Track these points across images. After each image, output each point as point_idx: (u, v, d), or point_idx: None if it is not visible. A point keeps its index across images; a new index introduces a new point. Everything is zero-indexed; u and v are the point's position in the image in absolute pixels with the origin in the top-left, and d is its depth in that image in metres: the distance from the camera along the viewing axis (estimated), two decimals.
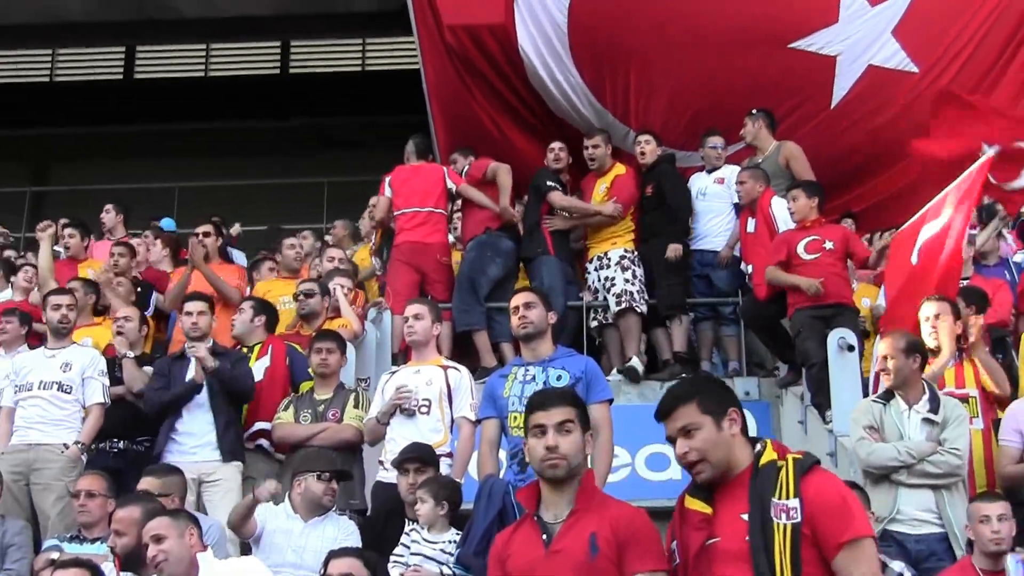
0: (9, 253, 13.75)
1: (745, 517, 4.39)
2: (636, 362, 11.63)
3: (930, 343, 8.53)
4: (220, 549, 7.25)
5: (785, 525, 4.32)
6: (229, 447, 8.95)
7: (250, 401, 9.31)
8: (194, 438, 8.94)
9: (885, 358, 7.96)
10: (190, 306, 9.50)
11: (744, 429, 4.66)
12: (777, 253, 10.56)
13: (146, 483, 7.60)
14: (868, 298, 11.34)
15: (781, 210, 11.09)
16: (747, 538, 4.34)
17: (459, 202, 12.61)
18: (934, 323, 8.61)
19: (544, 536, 4.82)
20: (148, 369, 9.62)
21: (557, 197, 12.08)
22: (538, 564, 4.77)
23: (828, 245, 10.36)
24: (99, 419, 9.17)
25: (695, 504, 4.57)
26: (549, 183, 12.14)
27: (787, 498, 4.37)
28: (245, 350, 9.73)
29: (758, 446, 4.64)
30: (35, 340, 10.33)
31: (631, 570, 4.69)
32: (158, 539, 6.13)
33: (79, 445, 8.97)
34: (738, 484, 4.49)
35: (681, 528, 4.61)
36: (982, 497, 7.22)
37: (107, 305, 11.09)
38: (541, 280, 11.78)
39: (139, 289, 11.68)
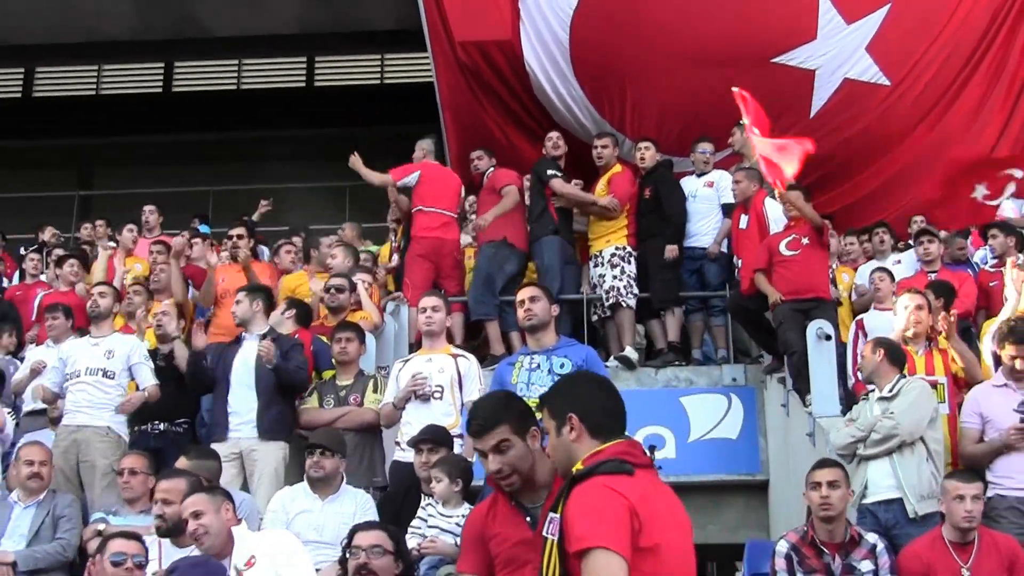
0: (59, 251, 13.77)
1: None
2: (629, 351, 11.62)
3: (909, 332, 8.61)
4: (252, 522, 7.24)
5: (552, 540, 4.01)
6: (268, 426, 8.82)
7: (302, 391, 9.24)
8: (238, 416, 8.89)
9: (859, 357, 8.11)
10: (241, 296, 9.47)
11: (594, 432, 4.16)
12: (759, 260, 10.59)
13: (181, 463, 7.57)
14: (847, 274, 11.65)
15: (774, 210, 11.10)
16: None
17: (470, 201, 12.71)
18: (915, 312, 8.66)
19: (528, 519, 4.71)
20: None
21: (558, 184, 11.96)
22: (528, 544, 4.60)
23: (805, 241, 10.39)
24: (154, 395, 9.22)
25: None
26: (550, 171, 12.04)
27: (558, 512, 4.00)
28: None
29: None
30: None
31: None
32: (196, 515, 6.16)
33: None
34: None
35: None
36: (959, 476, 7.16)
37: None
38: (542, 259, 11.78)
39: None
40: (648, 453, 4.27)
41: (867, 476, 7.71)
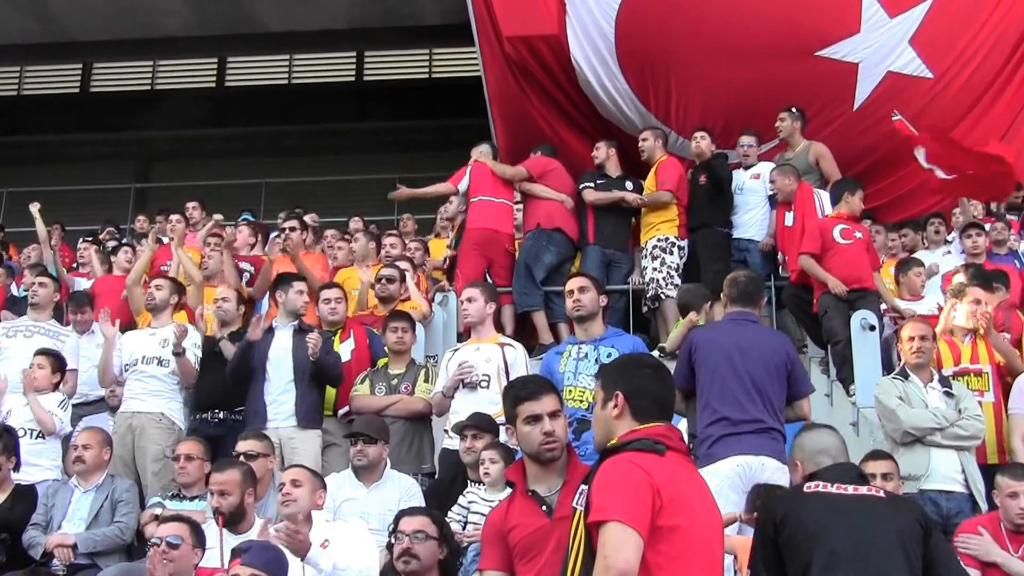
0: (113, 244, 13.84)
1: None
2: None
3: (968, 324, 8.55)
4: None
5: (580, 511, 4.03)
6: (304, 415, 8.84)
7: (340, 385, 9.23)
8: (276, 405, 8.87)
9: (923, 338, 7.97)
10: (298, 285, 9.43)
11: (636, 413, 4.22)
12: (812, 243, 10.44)
13: (248, 445, 7.66)
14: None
15: (826, 199, 11.14)
16: None
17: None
18: (972, 304, 8.60)
19: (544, 507, 4.76)
20: None
21: (588, 194, 11.98)
22: (545, 531, 4.69)
23: (858, 234, 10.34)
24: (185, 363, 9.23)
25: None
26: (581, 185, 12.09)
27: (587, 484, 4.04)
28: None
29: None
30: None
31: None
32: (296, 483, 6.52)
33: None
34: None
35: None
36: (1011, 472, 7.03)
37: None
38: (585, 264, 11.77)
39: None
40: (687, 442, 4.28)
41: (931, 462, 7.66)
